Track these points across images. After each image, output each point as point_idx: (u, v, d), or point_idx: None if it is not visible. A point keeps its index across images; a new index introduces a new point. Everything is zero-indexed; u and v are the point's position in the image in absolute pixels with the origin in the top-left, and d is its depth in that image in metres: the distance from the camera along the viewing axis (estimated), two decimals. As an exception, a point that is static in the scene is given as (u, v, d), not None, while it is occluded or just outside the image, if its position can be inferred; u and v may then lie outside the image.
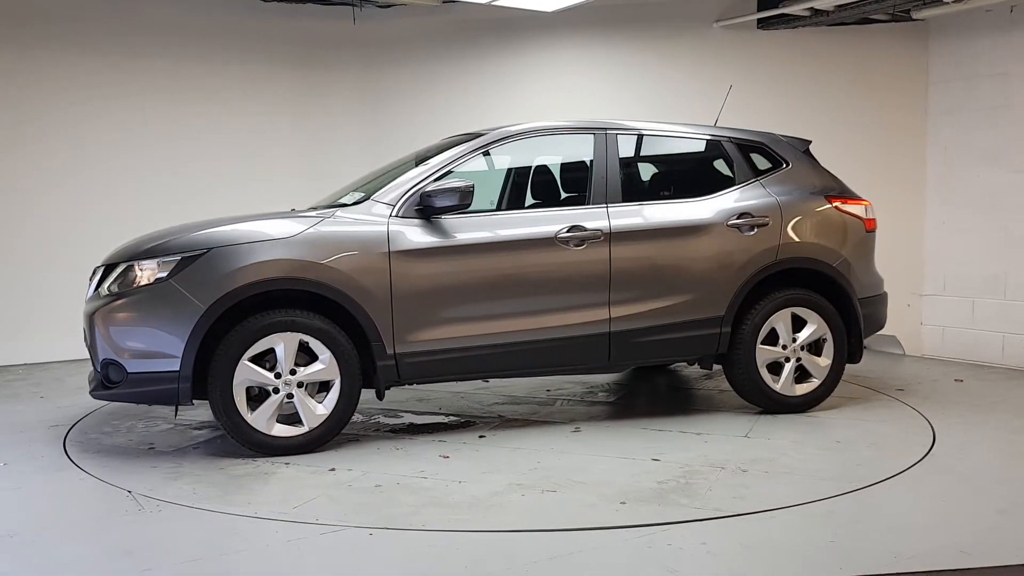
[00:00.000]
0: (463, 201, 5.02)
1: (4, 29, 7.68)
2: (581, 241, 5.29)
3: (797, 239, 5.69)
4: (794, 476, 4.50)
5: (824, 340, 5.73)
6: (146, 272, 4.79)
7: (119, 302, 4.79)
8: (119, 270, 4.91)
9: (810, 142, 6.20)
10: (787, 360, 5.69)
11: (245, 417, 4.81)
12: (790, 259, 5.67)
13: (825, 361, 5.75)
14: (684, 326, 5.48)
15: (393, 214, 5.06)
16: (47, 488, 4.45)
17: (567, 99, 8.42)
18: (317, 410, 4.91)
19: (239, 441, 4.87)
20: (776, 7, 7.78)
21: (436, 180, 5.18)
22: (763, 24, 8.11)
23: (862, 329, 5.85)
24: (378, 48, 8.90)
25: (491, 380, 6.70)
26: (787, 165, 5.90)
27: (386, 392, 5.16)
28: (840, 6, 7.50)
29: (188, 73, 8.36)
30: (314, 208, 5.40)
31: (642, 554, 3.55)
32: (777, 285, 5.70)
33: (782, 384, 5.68)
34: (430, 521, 3.91)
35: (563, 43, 8.54)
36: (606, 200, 5.43)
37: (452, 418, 5.83)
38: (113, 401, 5.05)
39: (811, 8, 7.60)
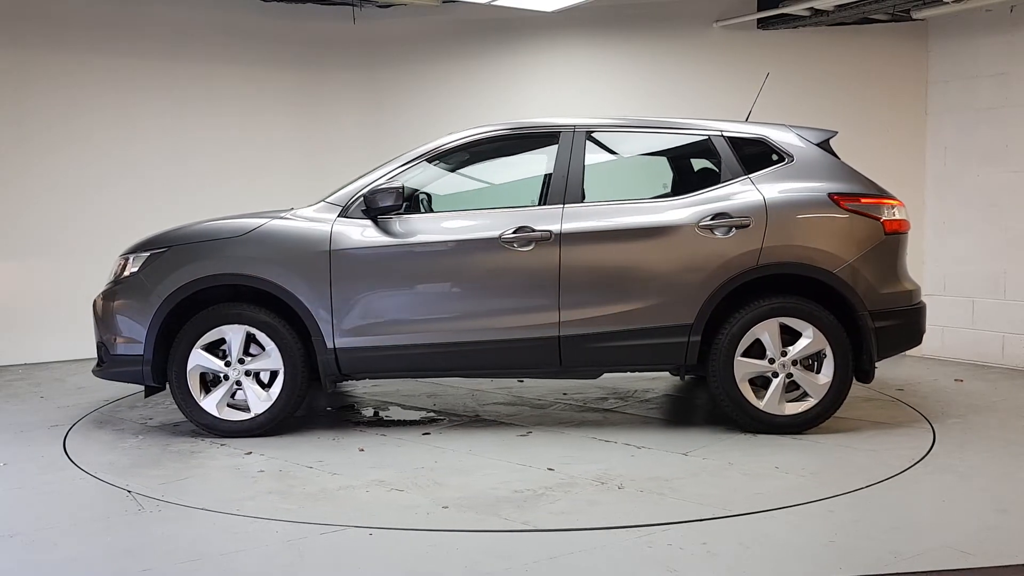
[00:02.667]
0: (396, 202, 5.13)
1: (5, 29, 7.68)
2: (528, 242, 5.16)
3: (784, 242, 5.14)
4: (665, 498, 4.18)
5: (824, 355, 5.16)
6: (128, 266, 5.35)
7: (108, 291, 5.40)
8: (115, 264, 5.49)
9: (834, 133, 5.63)
10: (775, 375, 5.17)
11: (197, 400, 5.24)
12: (775, 264, 5.14)
13: (823, 378, 5.16)
14: (644, 333, 5.16)
15: (341, 215, 5.26)
16: (47, 488, 4.45)
17: (567, 99, 8.41)
18: (261, 397, 5.25)
19: (192, 422, 5.33)
20: (776, 7, 7.78)
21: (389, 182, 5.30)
22: (763, 24, 8.11)
23: (873, 345, 5.19)
24: (378, 48, 8.90)
25: (524, 380, 6.73)
26: (789, 160, 5.36)
27: (370, 385, 5.25)
28: (840, 6, 7.50)
29: (189, 73, 8.36)
30: (292, 209, 5.52)
31: (642, 554, 3.55)
32: (768, 292, 5.20)
33: (767, 401, 5.16)
34: (246, 507, 4.08)
35: (563, 43, 8.54)
36: (564, 200, 5.24)
37: (431, 414, 5.88)
38: (104, 379, 5.47)
39: (811, 8, 7.60)
